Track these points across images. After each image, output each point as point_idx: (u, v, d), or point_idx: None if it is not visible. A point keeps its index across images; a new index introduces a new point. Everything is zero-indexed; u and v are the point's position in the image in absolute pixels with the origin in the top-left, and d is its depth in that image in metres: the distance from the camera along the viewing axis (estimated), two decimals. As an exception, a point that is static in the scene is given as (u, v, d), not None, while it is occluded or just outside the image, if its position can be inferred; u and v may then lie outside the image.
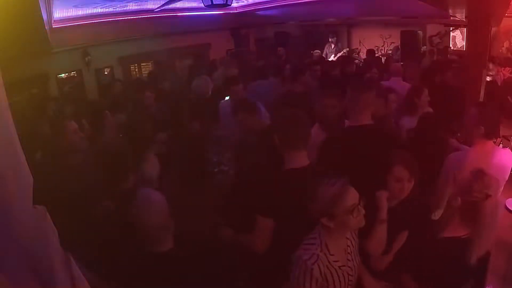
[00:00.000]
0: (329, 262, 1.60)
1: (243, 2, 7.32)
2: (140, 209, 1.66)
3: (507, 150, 2.57)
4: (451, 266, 1.81)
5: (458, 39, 7.53)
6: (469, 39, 3.82)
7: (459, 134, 3.45)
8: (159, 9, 6.58)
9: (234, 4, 6.55)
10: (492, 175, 1.90)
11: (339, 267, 1.63)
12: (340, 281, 1.63)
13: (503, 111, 3.73)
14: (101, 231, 1.94)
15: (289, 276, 1.63)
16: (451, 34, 7.55)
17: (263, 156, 2.50)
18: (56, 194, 1.94)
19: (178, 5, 6.60)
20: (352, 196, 1.58)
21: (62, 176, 2.46)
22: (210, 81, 4.49)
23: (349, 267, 1.68)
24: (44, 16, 3.98)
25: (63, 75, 6.38)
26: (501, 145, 3.14)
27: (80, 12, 5.64)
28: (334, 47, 9.09)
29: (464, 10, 3.69)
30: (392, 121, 3.41)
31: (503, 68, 4.55)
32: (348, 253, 1.71)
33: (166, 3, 6.25)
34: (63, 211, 1.64)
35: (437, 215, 2.35)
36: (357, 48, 9.81)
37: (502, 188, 2.43)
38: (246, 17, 8.09)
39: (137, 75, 7.55)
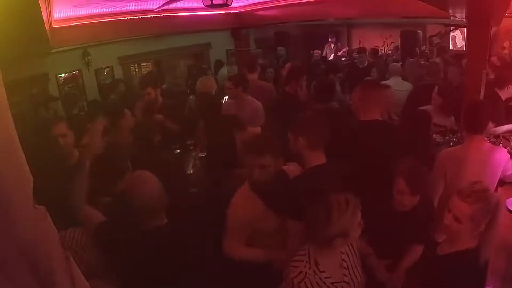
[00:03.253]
0: (320, 279, 1.55)
1: (243, 2, 7.31)
2: (136, 187, 1.81)
3: (501, 148, 2.62)
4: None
5: (458, 39, 7.52)
6: (469, 39, 3.81)
7: (459, 134, 3.46)
8: (159, 9, 6.57)
9: (234, 4, 6.53)
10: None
11: (333, 283, 1.58)
12: None
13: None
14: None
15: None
16: (451, 34, 7.55)
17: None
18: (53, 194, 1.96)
19: (178, 5, 6.58)
20: (359, 213, 1.56)
21: (57, 176, 2.47)
22: (215, 81, 4.58)
23: (345, 282, 1.62)
24: (44, 16, 3.97)
25: (63, 75, 6.37)
26: (501, 145, 3.14)
27: (80, 12, 5.63)
28: (334, 47, 9.11)
29: (464, 10, 3.68)
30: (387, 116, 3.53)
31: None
32: (344, 268, 1.64)
33: (166, 3, 6.24)
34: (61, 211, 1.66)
35: None
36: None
37: (495, 186, 2.47)
38: (246, 17, 8.08)
39: (137, 75, 7.56)
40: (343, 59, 7.93)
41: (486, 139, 2.90)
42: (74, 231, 1.84)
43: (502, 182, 2.63)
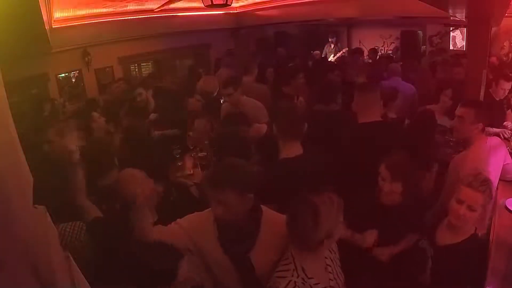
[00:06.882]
0: (310, 286, 1.51)
1: (243, 2, 7.32)
2: (128, 184, 1.85)
3: (497, 139, 2.67)
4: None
5: (458, 39, 7.51)
6: (469, 39, 3.82)
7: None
8: (159, 9, 6.58)
9: (234, 4, 6.54)
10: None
11: None
12: None
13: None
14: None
15: None
16: (451, 34, 7.54)
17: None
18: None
19: (178, 5, 6.59)
20: (342, 212, 1.51)
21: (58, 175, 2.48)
22: (217, 80, 4.55)
23: (331, 286, 1.59)
24: (44, 16, 3.98)
25: (63, 75, 6.38)
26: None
27: (80, 12, 5.64)
28: (334, 47, 9.09)
29: (464, 10, 3.68)
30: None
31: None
32: (329, 272, 1.62)
33: (166, 3, 6.25)
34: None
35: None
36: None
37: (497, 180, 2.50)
38: (246, 17, 8.09)
39: (137, 75, 7.56)
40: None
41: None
42: (73, 225, 1.85)
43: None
